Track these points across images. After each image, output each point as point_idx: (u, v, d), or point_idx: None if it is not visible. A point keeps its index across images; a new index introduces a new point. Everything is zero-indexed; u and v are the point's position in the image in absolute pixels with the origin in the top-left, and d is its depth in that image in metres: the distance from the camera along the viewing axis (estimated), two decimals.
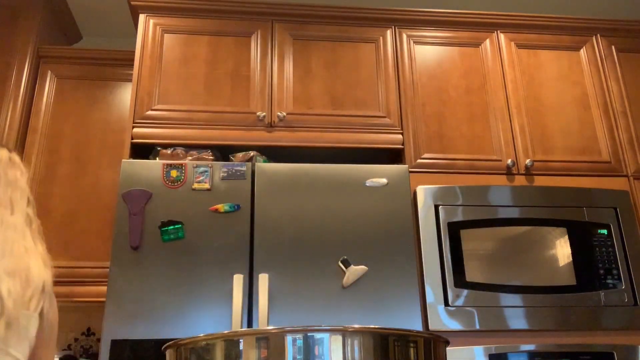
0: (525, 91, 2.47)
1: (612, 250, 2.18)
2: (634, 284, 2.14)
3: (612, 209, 2.25)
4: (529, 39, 2.58)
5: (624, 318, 2.09)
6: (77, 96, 2.63)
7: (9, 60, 2.58)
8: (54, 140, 2.53)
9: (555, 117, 2.44)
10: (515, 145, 2.36)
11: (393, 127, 2.33)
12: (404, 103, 2.38)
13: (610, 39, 2.64)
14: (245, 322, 1.83)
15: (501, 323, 2.02)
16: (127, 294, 1.84)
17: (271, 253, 1.94)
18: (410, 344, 0.49)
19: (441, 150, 2.32)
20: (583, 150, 2.40)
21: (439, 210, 2.16)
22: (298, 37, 2.45)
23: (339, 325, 0.47)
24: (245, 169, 2.05)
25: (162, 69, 2.32)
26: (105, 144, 2.54)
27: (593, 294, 2.10)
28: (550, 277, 2.11)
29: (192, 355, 0.48)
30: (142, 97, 2.25)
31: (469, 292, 2.05)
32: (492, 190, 2.23)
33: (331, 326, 0.47)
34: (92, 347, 2.60)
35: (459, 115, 2.39)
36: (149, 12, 2.42)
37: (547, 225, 2.20)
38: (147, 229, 1.93)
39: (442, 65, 2.49)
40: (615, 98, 2.51)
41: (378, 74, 2.43)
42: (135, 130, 2.20)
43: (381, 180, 2.08)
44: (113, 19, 3.06)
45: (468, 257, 2.10)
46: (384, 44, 2.49)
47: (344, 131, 2.29)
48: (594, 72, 2.56)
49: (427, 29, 2.56)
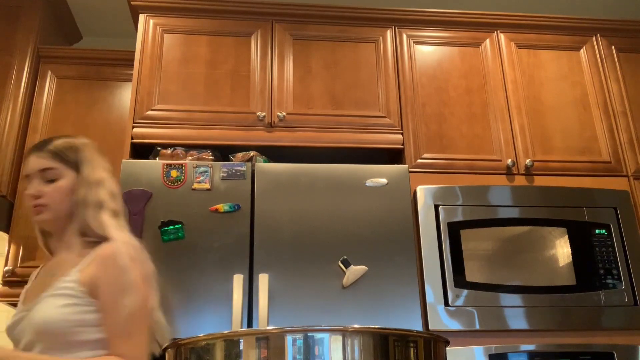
0: (525, 91, 2.47)
1: (612, 250, 2.17)
2: (634, 284, 2.14)
3: (612, 209, 2.25)
4: (529, 39, 2.58)
5: (624, 318, 2.09)
6: (77, 96, 2.63)
7: (9, 60, 2.58)
8: None
9: (555, 117, 2.44)
10: (515, 145, 2.36)
11: (393, 127, 2.33)
12: (404, 103, 2.38)
13: (610, 39, 2.63)
14: (245, 322, 1.83)
15: (501, 323, 2.02)
16: None
17: (271, 253, 1.94)
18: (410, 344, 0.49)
19: (441, 150, 2.32)
20: (583, 150, 2.40)
21: (439, 210, 2.16)
22: (298, 37, 2.45)
23: (339, 325, 0.47)
24: (245, 169, 2.05)
25: (162, 69, 2.32)
26: (105, 144, 2.53)
27: (593, 294, 2.10)
28: (550, 277, 2.11)
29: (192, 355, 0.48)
30: (142, 97, 2.25)
31: (469, 292, 2.05)
32: (492, 190, 2.23)
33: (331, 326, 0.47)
34: None
35: (459, 115, 2.39)
36: (149, 12, 2.42)
37: (547, 225, 2.19)
38: (147, 229, 1.93)
39: (442, 65, 2.49)
40: (615, 98, 2.51)
41: (378, 74, 2.43)
42: (135, 130, 2.20)
43: (381, 180, 2.08)
44: (113, 19, 3.06)
45: (468, 257, 2.10)
46: (384, 44, 2.49)
47: (344, 131, 2.29)
48: (594, 72, 2.55)
49: (427, 29, 2.56)
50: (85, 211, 1.29)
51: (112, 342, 1.15)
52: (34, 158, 1.35)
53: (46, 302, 1.18)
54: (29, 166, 1.35)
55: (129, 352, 1.14)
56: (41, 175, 1.33)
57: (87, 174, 1.34)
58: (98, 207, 1.30)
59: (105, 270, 1.19)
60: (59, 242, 1.34)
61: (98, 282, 1.18)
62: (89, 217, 1.28)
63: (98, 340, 1.16)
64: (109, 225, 1.27)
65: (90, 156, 1.38)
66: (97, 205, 1.30)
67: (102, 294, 1.17)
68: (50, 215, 1.31)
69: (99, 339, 1.16)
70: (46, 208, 1.31)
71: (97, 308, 1.17)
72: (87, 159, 1.37)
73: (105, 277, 1.18)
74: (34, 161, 1.35)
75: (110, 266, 1.19)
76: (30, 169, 1.35)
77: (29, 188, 1.33)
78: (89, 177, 1.34)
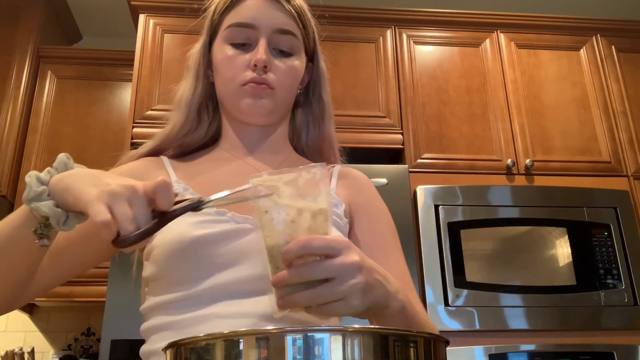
0: (525, 91, 2.47)
1: (612, 250, 2.17)
2: (634, 284, 2.14)
3: (612, 209, 2.25)
4: (529, 39, 2.58)
5: (624, 318, 2.09)
6: (77, 96, 2.63)
7: (9, 60, 2.58)
8: (54, 140, 2.53)
9: (555, 117, 2.44)
10: (515, 145, 2.36)
11: (393, 127, 2.33)
12: (404, 103, 2.38)
13: (610, 39, 2.63)
14: None
15: (501, 323, 2.02)
16: (127, 294, 1.83)
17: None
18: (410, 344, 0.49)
19: (441, 150, 2.32)
20: (583, 150, 2.40)
21: (439, 210, 2.16)
22: None
23: (339, 325, 0.47)
24: None
25: (162, 69, 2.32)
26: (105, 144, 2.54)
27: (593, 294, 2.10)
28: (550, 277, 2.11)
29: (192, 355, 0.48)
30: (142, 97, 2.25)
31: (469, 292, 2.05)
32: (492, 190, 2.23)
33: (331, 326, 0.47)
34: (92, 347, 2.60)
35: (459, 115, 2.39)
36: (149, 12, 2.42)
37: (547, 225, 2.19)
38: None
39: (442, 65, 2.49)
40: (615, 98, 2.51)
41: (378, 74, 2.43)
42: (135, 130, 2.20)
43: (381, 180, 2.08)
44: (113, 19, 3.06)
45: (468, 257, 2.10)
46: (384, 44, 2.49)
47: (344, 131, 2.29)
48: (594, 72, 2.55)
49: (427, 29, 2.55)
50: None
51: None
52: (266, 3, 0.91)
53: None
54: (251, 11, 0.90)
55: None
56: (275, 38, 0.90)
57: (322, 67, 1.01)
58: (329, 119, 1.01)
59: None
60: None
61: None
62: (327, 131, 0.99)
63: None
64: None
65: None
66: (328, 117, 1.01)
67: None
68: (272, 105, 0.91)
69: None
70: (272, 92, 0.90)
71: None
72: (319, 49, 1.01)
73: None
74: (267, 9, 0.90)
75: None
76: (256, 18, 0.89)
77: (258, 51, 0.87)
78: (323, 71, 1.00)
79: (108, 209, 0.60)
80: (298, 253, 0.60)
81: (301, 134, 1.01)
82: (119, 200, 0.60)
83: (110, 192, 0.61)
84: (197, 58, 1.00)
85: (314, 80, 1.00)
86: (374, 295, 0.63)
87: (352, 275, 0.60)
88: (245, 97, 0.89)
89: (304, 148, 1.02)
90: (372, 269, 0.64)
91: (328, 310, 0.61)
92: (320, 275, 0.60)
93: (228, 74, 0.90)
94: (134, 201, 0.61)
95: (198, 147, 0.98)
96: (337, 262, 0.60)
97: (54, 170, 0.70)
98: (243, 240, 0.80)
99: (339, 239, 0.62)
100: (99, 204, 0.60)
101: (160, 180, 0.62)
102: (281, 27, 0.90)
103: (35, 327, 2.60)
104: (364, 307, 0.61)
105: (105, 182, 0.63)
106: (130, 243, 0.60)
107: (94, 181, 0.64)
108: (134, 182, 0.63)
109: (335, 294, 0.60)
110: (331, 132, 1.03)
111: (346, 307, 0.61)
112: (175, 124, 0.96)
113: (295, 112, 1.01)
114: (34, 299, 0.90)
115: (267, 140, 0.96)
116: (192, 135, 0.96)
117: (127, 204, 0.61)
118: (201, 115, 0.97)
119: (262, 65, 0.87)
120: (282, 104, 0.93)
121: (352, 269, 0.61)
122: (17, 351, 2.32)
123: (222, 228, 0.80)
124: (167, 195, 0.62)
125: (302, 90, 1.00)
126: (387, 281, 0.66)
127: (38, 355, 2.50)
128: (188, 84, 0.98)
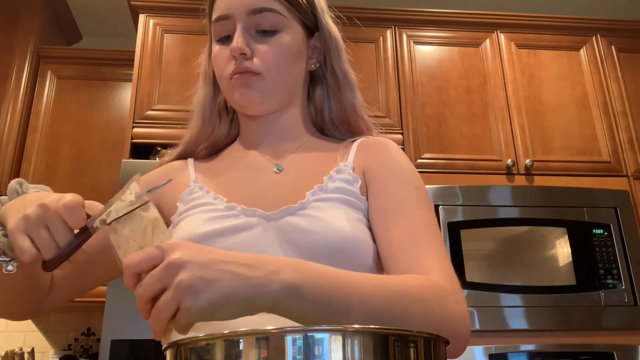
0: (525, 91, 2.47)
1: (612, 250, 2.17)
2: (634, 284, 2.14)
3: (612, 209, 2.25)
4: (528, 39, 2.58)
5: (624, 318, 2.09)
6: (77, 96, 2.63)
7: (9, 60, 2.58)
8: (54, 140, 2.53)
9: (555, 117, 2.44)
10: (515, 145, 2.36)
11: (393, 127, 2.33)
12: (404, 103, 2.38)
13: (610, 39, 2.63)
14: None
15: (501, 323, 2.02)
16: (127, 294, 1.83)
17: None
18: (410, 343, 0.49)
19: (441, 150, 2.32)
20: (583, 150, 2.40)
21: (439, 210, 2.16)
22: None
23: (339, 325, 0.47)
24: None
25: (162, 69, 2.32)
26: (105, 144, 2.54)
27: (593, 294, 2.10)
28: (550, 277, 2.11)
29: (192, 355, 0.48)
30: (142, 97, 2.25)
31: (469, 292, 2.05)
32: (492, 190, 2.23)
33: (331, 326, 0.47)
34: (92, 347, 2.60)
35: (459, 115, 2.39)
36: (149, 12, 2.42)
37: (547, 225, 2.20)
38: None
39: (442, 65, 2.49)
40: (615, 98, 2.51)
41: (378, 74, 2.43)
42: (135, 130, 2.20)
43: None
44: (113, 19, 3.06)
45: (468, 257, 2.10)
46: (384, 44, 2.49)
47: None
48: (594, 72, 2.55)
49: (427, 29, 2.55)
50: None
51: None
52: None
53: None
54: (225, 2, 0.87)
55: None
56: (253, 20, 0.86)
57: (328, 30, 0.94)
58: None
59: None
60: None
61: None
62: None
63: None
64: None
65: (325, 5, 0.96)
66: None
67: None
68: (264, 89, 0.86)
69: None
70: (259, 77, 0.85)
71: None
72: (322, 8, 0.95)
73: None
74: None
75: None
76: (229, 7, 0.86)
77: (235, 41, 0.84)
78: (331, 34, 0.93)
79: (29, 238, 0.62)
80: (130, 279, 0.57)
81: (323, 111, 0.96)
82: (34, 226, 0.62)
83: (24, 218, 0.63)
84: (203, 61, 1.00)
85: (324, 51, 0.94)
86: (220, 287, 0.55)
87: (173, 275, 0.54)
88: (234, 90, 0.86)
89: (330, 126, 0.96)
90: (214, 261, 0.56)
91: (177, 324, 0.55)
92: (151, 289, 0.55)
93: (218, 71, 0.89)
94: (49, 222, 0.63)
95: (227, 144, 0.99)
96: (158, 268, 0.55)
97: (6, 199, 0.73)
98: (250, 233, 0.79)
99: (158, 246, 0.57)
100: (19, 236, 0.62)
101: (67, 201, 0.63)
102: (254, 7, 0.85)
103: (35, 327, 2.59)
104: (208, 305, 0.54)
105: (23, 208, 0.65)
106: (55, 266, 0.63)
107: (16, 208, 0.66)
108: (47, 201, 0.64)
109: (169, 302, 0.54)
110: (354, 100, 0.95)
111: (186, 312, 0.54)
112: (192, 130, 0.98)
113: (314, 89, 0.96)
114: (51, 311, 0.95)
115: (275, 129, 0.92)
116: (213, 136, 0.97)
117: (43, 228, 0.62)
118: (220, 115, 0.97)
119: (238, 54, 0.84)
120: (277, 87, 0.87)
121: (171, 270, 0.55)
122: (17, 351, 2.32)
123: (230, 223, 0.79)
124: (73, 216, 0.62)
125: (319, 64, 0.95)
126: (251, 267, 0.57)
127: (38, 355, 2.50)
128: (199, 88, 0.99)
